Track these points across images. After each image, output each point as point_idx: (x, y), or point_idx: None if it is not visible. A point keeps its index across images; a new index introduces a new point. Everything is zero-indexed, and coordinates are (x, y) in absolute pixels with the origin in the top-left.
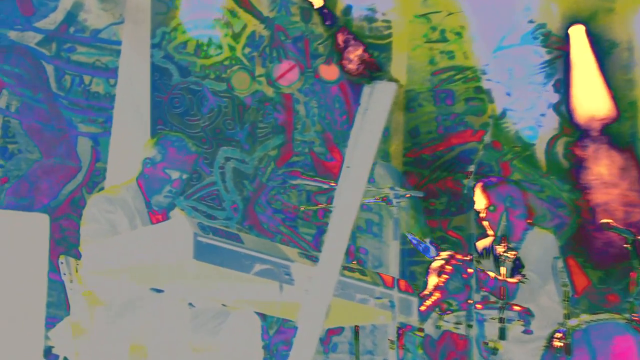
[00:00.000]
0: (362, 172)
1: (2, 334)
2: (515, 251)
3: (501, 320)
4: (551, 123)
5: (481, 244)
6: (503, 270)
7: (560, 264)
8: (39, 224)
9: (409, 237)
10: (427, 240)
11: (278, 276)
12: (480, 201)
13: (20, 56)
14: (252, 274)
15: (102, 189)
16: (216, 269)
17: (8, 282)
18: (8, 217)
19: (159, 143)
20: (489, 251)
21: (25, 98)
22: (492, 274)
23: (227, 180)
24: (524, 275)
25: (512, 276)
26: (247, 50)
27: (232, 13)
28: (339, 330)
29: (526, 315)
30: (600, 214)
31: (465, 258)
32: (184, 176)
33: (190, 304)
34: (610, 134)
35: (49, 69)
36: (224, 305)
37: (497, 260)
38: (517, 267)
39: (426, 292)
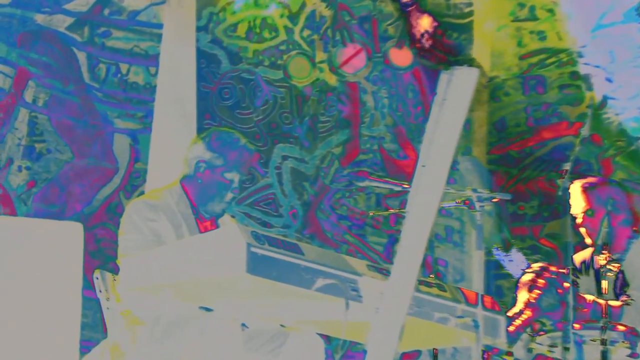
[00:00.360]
0: (439, 171)
1: None
2: (619, 263)
3: (603, 342)
4: None
5: (579, 256)
6: (604, 284)
7: None
8: (71, 233)
9: (495, 252)
10: (514, 250)
11: (344, 292)
12: (577, 205)
13: (48, 43)
14: (314, 289)
15: (142, 193)
16: (272, 285)
17: (37, 301)
18: (36, 226)
19: (210, 141)
20: (588, 266)
21: (55, 90)
22: (590, 298)
23: (284, 182)
24: (629, 296)
25: (615, 293)
26: (306, 32)
27: None
28: (415, 355)
29: (632, 336)
30: None
31: (561, 270)
32: (242, 178)
33: (243, 324)
34: None
35: (81, 56)
36: (282, 325)
37: (598, 274)
38: (621, 283)
39: (515, 309)
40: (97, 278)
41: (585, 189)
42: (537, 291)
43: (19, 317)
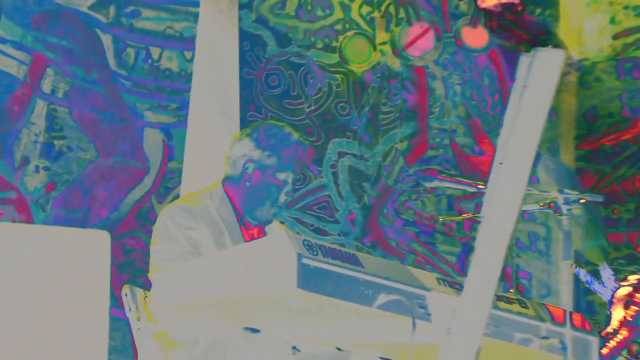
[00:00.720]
0: (520, 169)
1: None
2: None
3: None
4: None
5: None
6: None
7: None
8: (95, 243)
9: (576, 270)
10: (603, 266)
11: (410, 310)
12: None
13: (68, 24)
14: (376, 307)
15: (177, 197)
16: (327, 302)
17: (58, 322)
18: (56, 235)
19: (258, 137)
20: None
21: (76, 79)
22: None
23: (341, 182)
24: None
25: None
26: (365, 9)
27: None
28: None
29: None
30: None
31: None
32: (293, 178)
33: (294, 347)
34: None
35: (106, 40)
36: (338, 349)
37: None
38: None
39: (609, 329)
40: (126, 295)
41: None
42: (634, 307)
43: (38, 341)
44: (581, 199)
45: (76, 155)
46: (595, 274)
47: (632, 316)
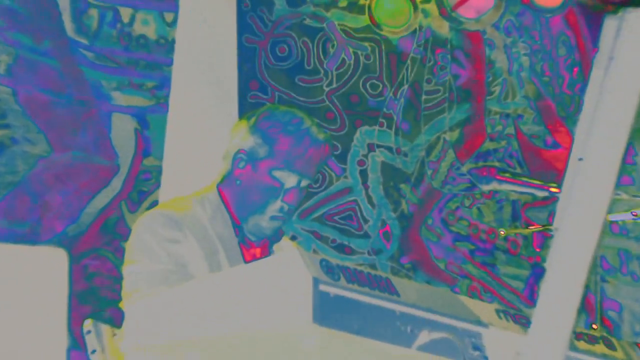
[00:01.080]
0: (606, 167)
1: None
2: None
3: None
4: None
5: None
6: None
7: None
8: (49, 265)
9: None
10: None
11: (461, 351)
12: None
13: None
14: (416, 348)
15: (155, 203)
16: (353, 341)
17: None
18: None
19: (257, 123)
20: None
21: (22, 50)
22: None
23: (371, 184)
24: None
25: None
26: None
27: None
28: None
29: None
30: None
31: None
32: (303, 182)
33: None
34: None
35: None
36: None
37: None
38: None
39: None
40: (89, 332)
41: None
42: None
43: None
44: None
45: (22, 149)
46: None
47: None
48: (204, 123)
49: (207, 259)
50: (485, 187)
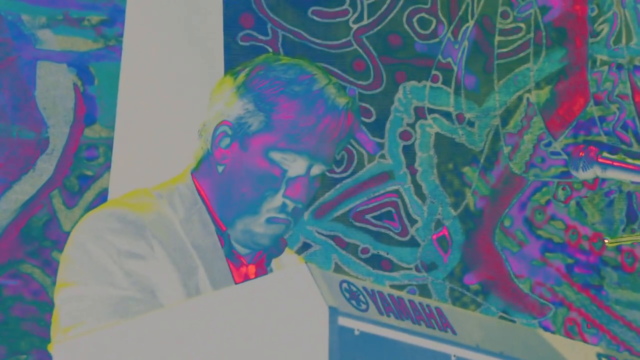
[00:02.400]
0: None
1: None
2: None
3: None
4: None
5: None
6: None
7: None
8: None
9: None
10: None
11: None
12: None
13: None
14: None
15: (104, 194)
16: None
17: None
18: None
19: (248, 81)
20: None
21: None
22: None
23: (421, 168)
24: None
25: None
26: None
27: None
28: None
29: None
30: None
31: None
32: (316, 169)
33: None
34: None
35: None
36: None
37: None
38: None
39: None
40: None
41: None
42: None
43: None
44: None
45: None
46: None
47: None
48: (173, 77)
49: (183, 279)
50: (582, 175)
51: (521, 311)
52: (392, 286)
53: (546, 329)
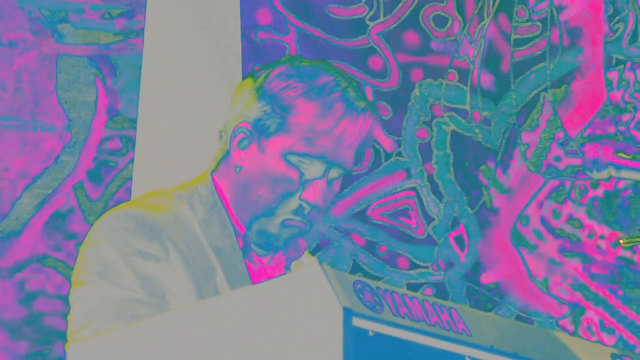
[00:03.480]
0: None
1: None
2: None
3: None
4: None
5: None
6: None
7: None
8: None
9: None
10: None
11: None
12: None
13: None
14: None
15: (128, 185)
16: None
17: None
18: None
19: (269, 86)
20: None
21: None
22: None
23: (437, 166)
24: None
25: None
26: None
27: None
28: None
29: None
30: None
31: None
32: (333, 172)
33: None
34: None
35: None
36: None
37: None
38: None
39: None
40: None
41: None
42: None
43: None
44: None
45: None
46: None
47: None
48: (193, 70)
49: (195, 283)
50: (597, 175)
51: (539, 310)
52: (409, 284)
53: (563, 328)
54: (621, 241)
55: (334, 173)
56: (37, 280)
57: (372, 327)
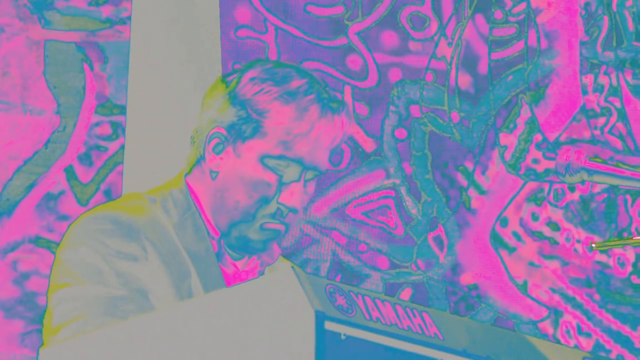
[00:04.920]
0: None
1: None
2: None
3: None
4: None
5: None
6: None
7: None
8: None
9: None
10: None
11: None
12: None
13: None
14: None
15: (119, 170)
16: None
17: None
18: None
19: (243, 90)
20: None
21: None
22: None
23: (416, 166)
24: None
25: None
26: None
27: None
28: None
29: None
30: None
31: None
32: (309, 174)
33: None
34: None
35: None
36: None
37: None
38: None
39: None
40: None
41: None
42: None
43: None
44: None
45: None
46: None
47: None
48: (177, 59)
49: (175, 284)
50: (570, 179)
51: (519, 312)
52: (388, 284)
53: (543, 331)
54: (593, 245)
55: (309, 175)
56: (30, 261)
57: (344, 330)
